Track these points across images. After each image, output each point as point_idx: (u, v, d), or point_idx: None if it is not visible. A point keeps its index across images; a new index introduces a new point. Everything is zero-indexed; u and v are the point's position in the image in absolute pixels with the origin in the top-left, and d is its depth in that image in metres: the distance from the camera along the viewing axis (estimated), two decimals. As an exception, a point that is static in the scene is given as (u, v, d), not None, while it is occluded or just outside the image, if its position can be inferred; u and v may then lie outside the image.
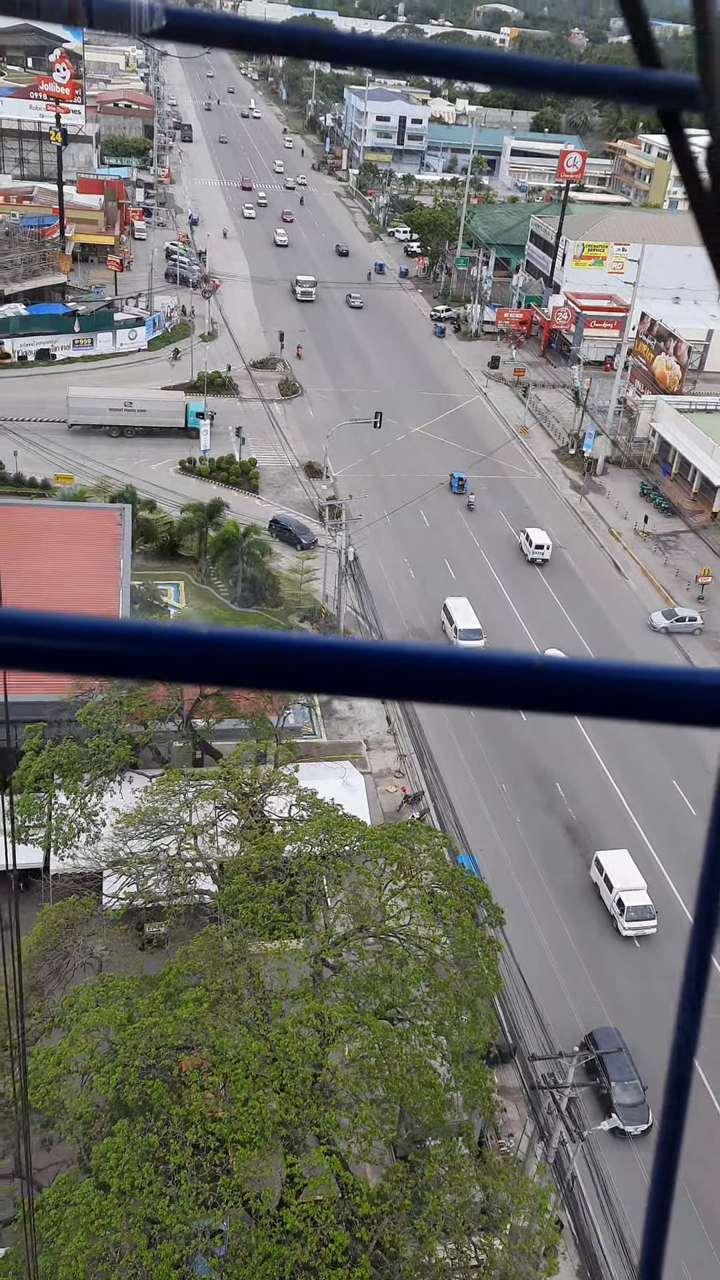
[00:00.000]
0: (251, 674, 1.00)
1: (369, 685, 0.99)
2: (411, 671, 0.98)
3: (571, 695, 0.98)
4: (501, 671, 0.98)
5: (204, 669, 0.99)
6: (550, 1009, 37.42)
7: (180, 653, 0.99)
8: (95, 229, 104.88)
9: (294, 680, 1.00)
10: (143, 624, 1.01)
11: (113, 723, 35.15)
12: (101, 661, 1.00)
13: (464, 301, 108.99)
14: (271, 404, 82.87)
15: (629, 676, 0.98)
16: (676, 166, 1.09)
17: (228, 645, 0.99)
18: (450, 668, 0.98)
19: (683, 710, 0.98)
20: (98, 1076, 24.12)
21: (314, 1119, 24.19)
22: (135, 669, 1.01)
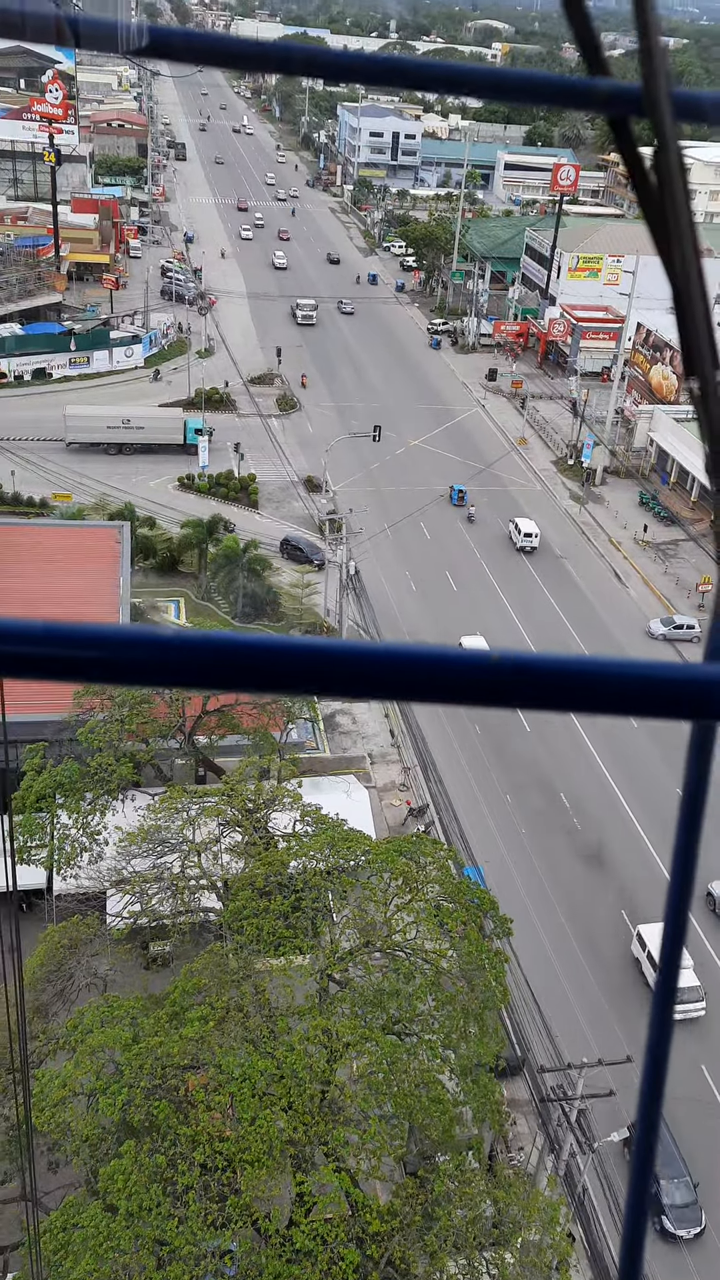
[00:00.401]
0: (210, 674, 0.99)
1: (331, 683, 0.99)
2: (371, 669, 0.98)
3: (529, 688, 0.98)
4: (460, 668, 0.98)
5: (173, 671, 1.00)
6: (558, 1020, 37.22)
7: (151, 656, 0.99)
8: (90, 248, 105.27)
9: (252, 680, 0.99)
10: (120, 628, 1.01)
11: (114, 741, 35.07)
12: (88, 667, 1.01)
13: (460, 315, 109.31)
14: (270, 419, 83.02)
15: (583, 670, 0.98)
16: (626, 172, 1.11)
17: (190, 647, 0.99)
18: (410, 665, 0.98)
19: (647, 703, 0.98)
20: (104, 1098, 23.98)
21: (322, 1136, 24.03)
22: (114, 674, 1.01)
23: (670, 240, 1.07)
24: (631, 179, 1.10)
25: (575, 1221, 30.80)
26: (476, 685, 0.98)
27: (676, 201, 1.05)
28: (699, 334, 1.08)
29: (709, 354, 1.09)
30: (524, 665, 0.98)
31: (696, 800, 1.09)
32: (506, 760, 49.84)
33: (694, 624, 60.69)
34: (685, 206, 1.08)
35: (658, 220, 1.08)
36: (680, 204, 1.07)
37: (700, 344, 1.08)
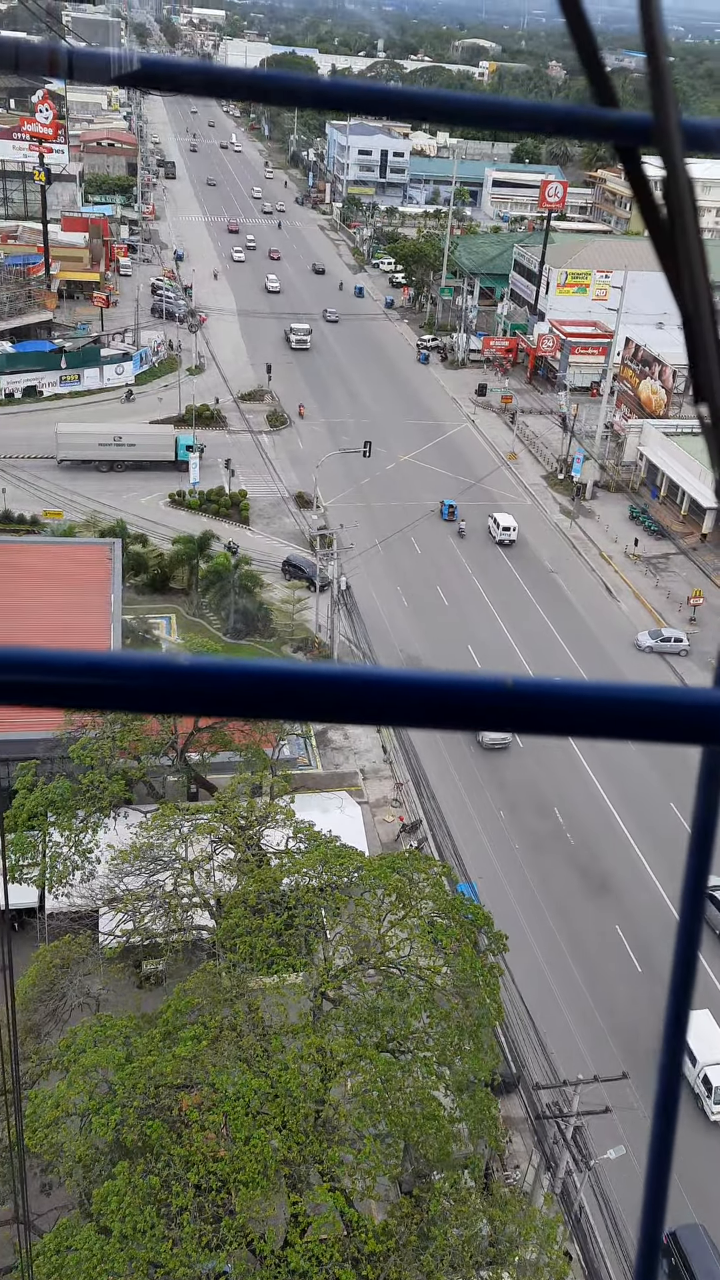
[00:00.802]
0: (221, 702, 0.99)
1: (343, 710, 0.99)
2: (384, 695, 0.98)
3: (543, 714, 0.98)
4: (475, 693, 0.98)
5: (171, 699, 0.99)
6: (553, 1036, 37.10)
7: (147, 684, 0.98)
8: (80, 266, 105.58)
9: (266, 707, 0.99)
10: (120, 655, 1.02)
11: (106, 758, 34.94)
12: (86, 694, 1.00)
13: (450, 331, 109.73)
14: (260, 435, 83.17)
15: (597, 695, 0.98)
16: (635, 199, 1.12)
17: (194, 675, 0.98)
18: (423, 691, 0.97)
19: (659, 728, 0.98)
20: (97, 1118, 23.80)
21: (317, 1156, 23.89)
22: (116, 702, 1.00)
23: (680, 268, 1.08)
24: (640, 207, 1.10)
25: (572, 1240, 30.65)
26: (492, 711, 0.98)
27: (686, 230, 1.06)
28: (709, 361, 1.08)
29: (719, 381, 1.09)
30: (538, 690, 0.98)
31: (707, 826, 1.09)
32: (500, 776, 49.80)
33: (682, 637, 60.82)
34: (695, 235, 1.08)
35: (667, 248, 1.08)
36: (690, 232, 1.07)
37: (711, 371, 1.08)
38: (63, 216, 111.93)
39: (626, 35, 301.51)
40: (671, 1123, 1.21)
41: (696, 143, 1.17)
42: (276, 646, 57.43)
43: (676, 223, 1.07)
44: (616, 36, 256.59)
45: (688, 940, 1.12)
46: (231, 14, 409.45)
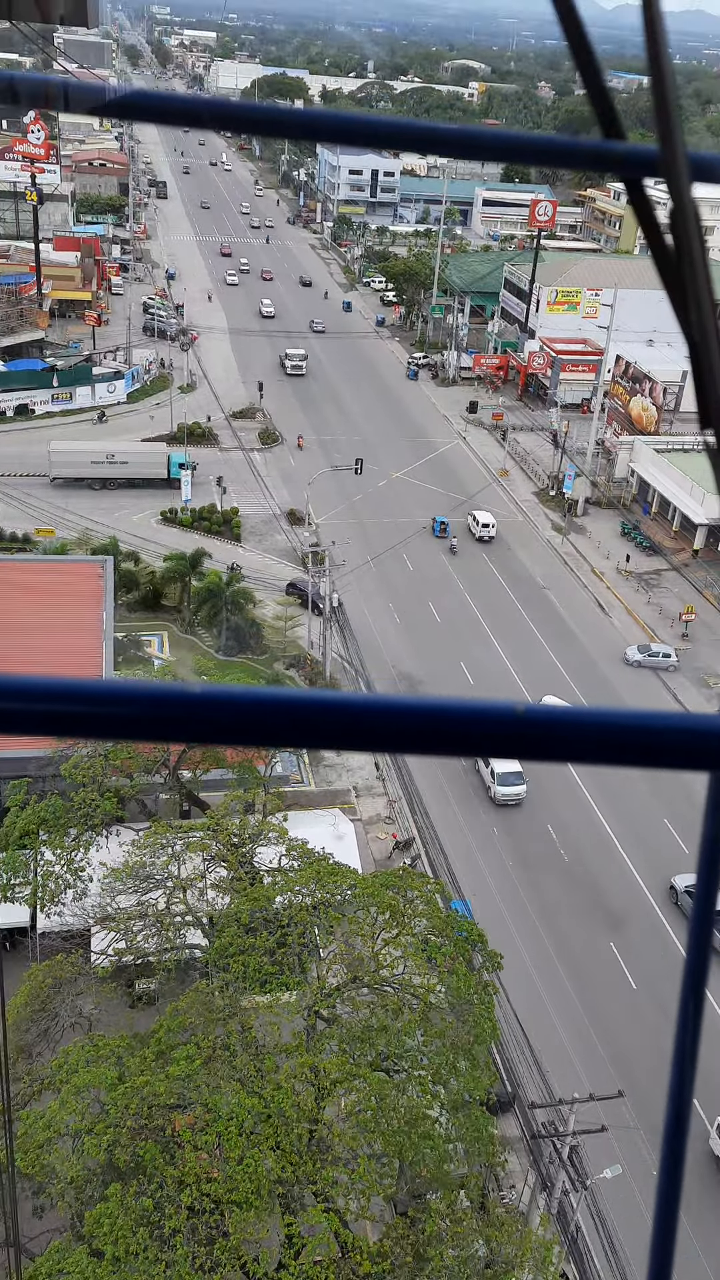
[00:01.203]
0: (230, 731, 0.99)
1: (351, 738, 0.99)
2: (394, 722, 0.98)
3: (556, 742, 0.99)
4: (485, 721, 0.98)
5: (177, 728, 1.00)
6: (548, 1055, 36.97)
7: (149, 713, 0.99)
8: (72, 285, 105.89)
9: (275, 735, 0.99)
10: (124, 684, 1.02)
11: (98, 776, 34.85)
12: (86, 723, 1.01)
13: (441, 348, 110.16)
14: (252, 453, 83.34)
15: (607, 722, 0.99)
16: (642, 231, 1.13)
17: (203, 703, 0.99)
18: (433, 718, 0.98)
19: (668, 755, 0.99)
20: (89, 1138, 23.64)
21: (311, 1176, 23.74)
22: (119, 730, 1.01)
23: (687, 299, 1.09)
24: (647, 237, 1.11)
25: (569, 1261, 30.46)
26: (502, 738, 0.99)
27: (694, 261, 1.07)
28: (716, 388, 1.10)
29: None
30: (548, 718, 0.99)
31: (715, 853, 1.09)
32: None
33: (670, 652, 60.95)
34: (701, 264, 1.09)
35: (673, 278, 1.09)
36: (697, 263, 1.09)
37: (717, 397, 1.10)
38: (54, 236, 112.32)
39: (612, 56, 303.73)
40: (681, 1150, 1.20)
41: (702, 174, 1.19)
42: (268, 664, 57.40)
43: (682, 253, 1.08)
44: (602, 57, 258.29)
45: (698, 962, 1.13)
46: (223, 36, 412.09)
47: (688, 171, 1.09)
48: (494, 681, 58.02)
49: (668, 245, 1.09)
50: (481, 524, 74.41)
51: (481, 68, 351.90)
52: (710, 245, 38.61)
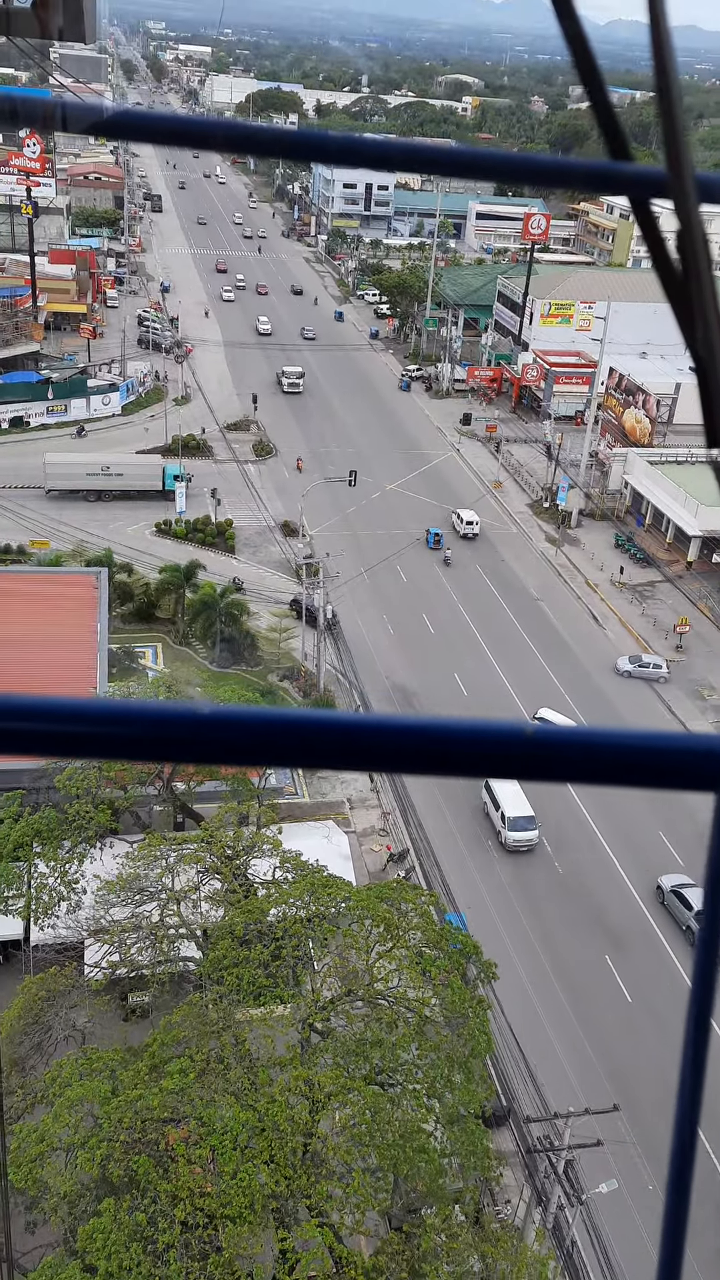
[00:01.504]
0: (237, 751, 0.99)
1: (362, 758, 1.00)
2: (403, 743, 0.98)
3: (563, 763, 0.99)
4: (493, 742, 0.99)
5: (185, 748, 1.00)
6: (543, 1068, 36.88)
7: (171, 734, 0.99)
8: (67, 298, 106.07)
9: (284, 756, 1.00)
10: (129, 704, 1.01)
11: (92, 788, 34.79)
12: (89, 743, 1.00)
13: (434, 361, 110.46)
14: (246, 465, 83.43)
15: (620, 743, 0.99)
16: (649, 253, 1.14)
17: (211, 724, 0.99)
18: (441, 739, 0.98)
19: (674, 776, 0.99)
20: (82, 1153, 23.53)
21: (305, 1190, 23.63)
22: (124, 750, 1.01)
23: (694, 317, 1.10)
24: (654, 258, 1.12)
25: (564, 1276, 30.32)
26: (510, 759, 0.99)
27: (701, 280, 1.08)
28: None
29: None
30: (557, 739, 0.99)
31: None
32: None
33: (661, 664, 61.05)
34: (709, 286, 1.10)
35: (680, 298, 1.10)
36: (705, 283, 1.10)
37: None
38: (50, 249, 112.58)
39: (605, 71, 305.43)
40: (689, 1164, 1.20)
41: (709, 195, 1.20)
42: (263, 676, 57.37)
43: (690, 274, 1.09)
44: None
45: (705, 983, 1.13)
46: (217, 51, 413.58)
47: (695, 193, 1.09)
48: (488, 694, 58.02)
49: (674, 265, 1.10)
50: (466, 521, 76.58)
51: (475, 82, 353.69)
52: (703, 259, 38.77)
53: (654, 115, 1.06)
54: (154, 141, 1.23)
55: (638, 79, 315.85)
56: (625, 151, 1.15)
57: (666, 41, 1.04)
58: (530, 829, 47.28)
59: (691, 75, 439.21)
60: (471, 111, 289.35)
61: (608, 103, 1.12)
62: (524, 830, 47.16)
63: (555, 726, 1.02)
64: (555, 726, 1.02)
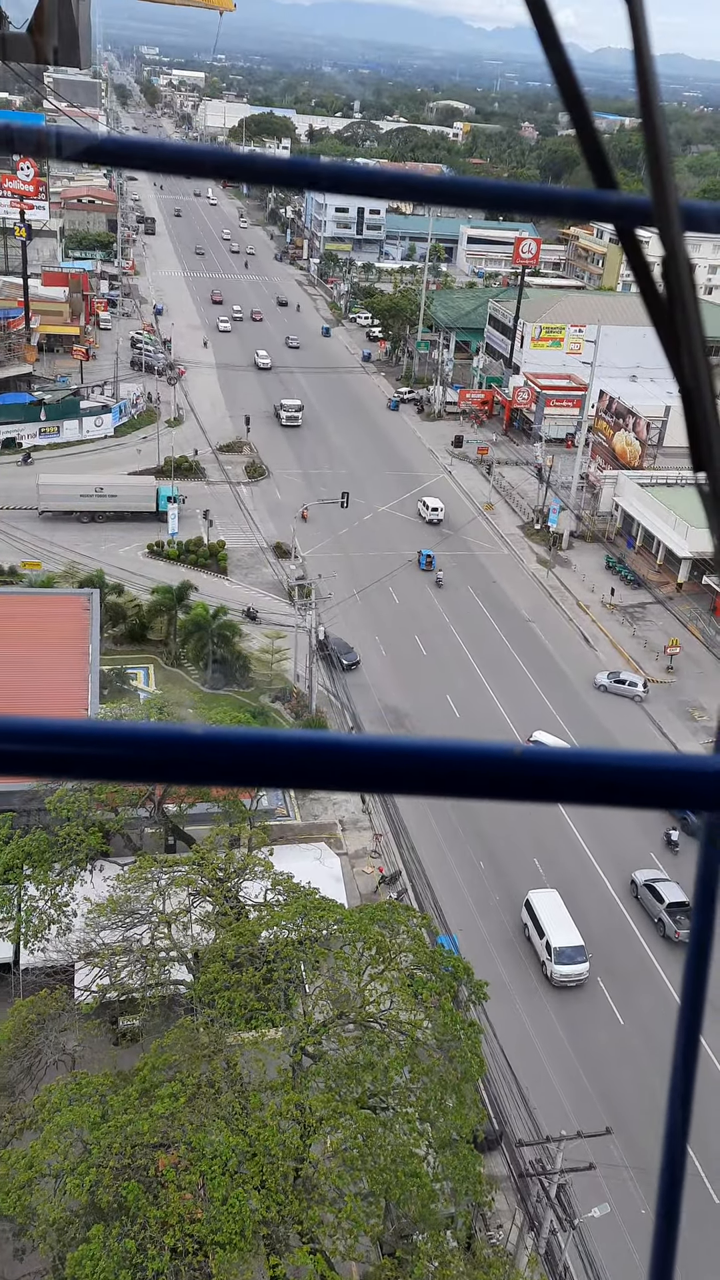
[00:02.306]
0: (230, 772, 1.00)
1: (352, 779, 1.00)
2: (391, 764, 0.99)
3: (553, 784, 0.99)
4: (482, 762, 0.99)
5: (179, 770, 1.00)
6: (535, 1090, 36.69)
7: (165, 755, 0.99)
8: (60, 320, 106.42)
9: (275, 776, 1.00)
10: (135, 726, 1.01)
11: (83, 810, 34.67)
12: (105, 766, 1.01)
13: (426, 383, 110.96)
14: (239, 486, 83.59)
15: (610, 764, 1.00)
16: (634, 280, 1.14)
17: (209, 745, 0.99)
18: (430, 759, 0.99)
19: (662, 796, 1.00)
20: (71, 1179, 23.32)
21: (296, 1216, 23.44)
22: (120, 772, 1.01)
23: (679, 345, 1.11)
24: (639, 285, 1.13)
25: (556, 1300, 30.07)
26: (500, 780, 0.99)
27: (687, 308, 1.09)
28: (709, 433, 1.12)
29: (718, 452, 1.12)
30: (544, 760, 0.99)
31: (710, 891, 1.10)
32: (478, 825, 49.62)
33: (638, 681, 61.41)
34: (694, 312, 1.11)
35: (666, 326, 1.11)
36: (690, 311, 1.11)
37: (711, 442, 1.11)
38: (43, 271, 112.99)
39: (594, 98, 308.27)
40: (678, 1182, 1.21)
41: (694, 224, 1.22)
42: (255, 697, 57.30)
43: (675, 301, 1.10)
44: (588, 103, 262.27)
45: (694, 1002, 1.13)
46: (211, 76, 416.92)
47: (680, 221, 1.10)
48: (480, 715, 58.03)
49: (660, 293, 1.11)
50: (431, 507, 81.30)
51: (466, 108, 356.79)
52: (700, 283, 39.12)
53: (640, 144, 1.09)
54: (147, 169, 1.24)
55: (626, 105, 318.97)
56: (610, 180, 1.17)
57: (650, 72, 1.05)
58: (580, 960, 41.85)
59: (679, 103, 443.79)
60: (463, 137, 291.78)
61: (594, 132, 1.12)
62: (572, 963, 41.71)
63: (544, 747, 1.02)
64: (544, 747, 1.02)
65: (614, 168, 1.19)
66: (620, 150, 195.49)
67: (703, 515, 1.15)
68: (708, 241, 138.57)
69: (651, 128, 1.07)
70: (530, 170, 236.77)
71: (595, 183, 1.18)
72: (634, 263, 1.17)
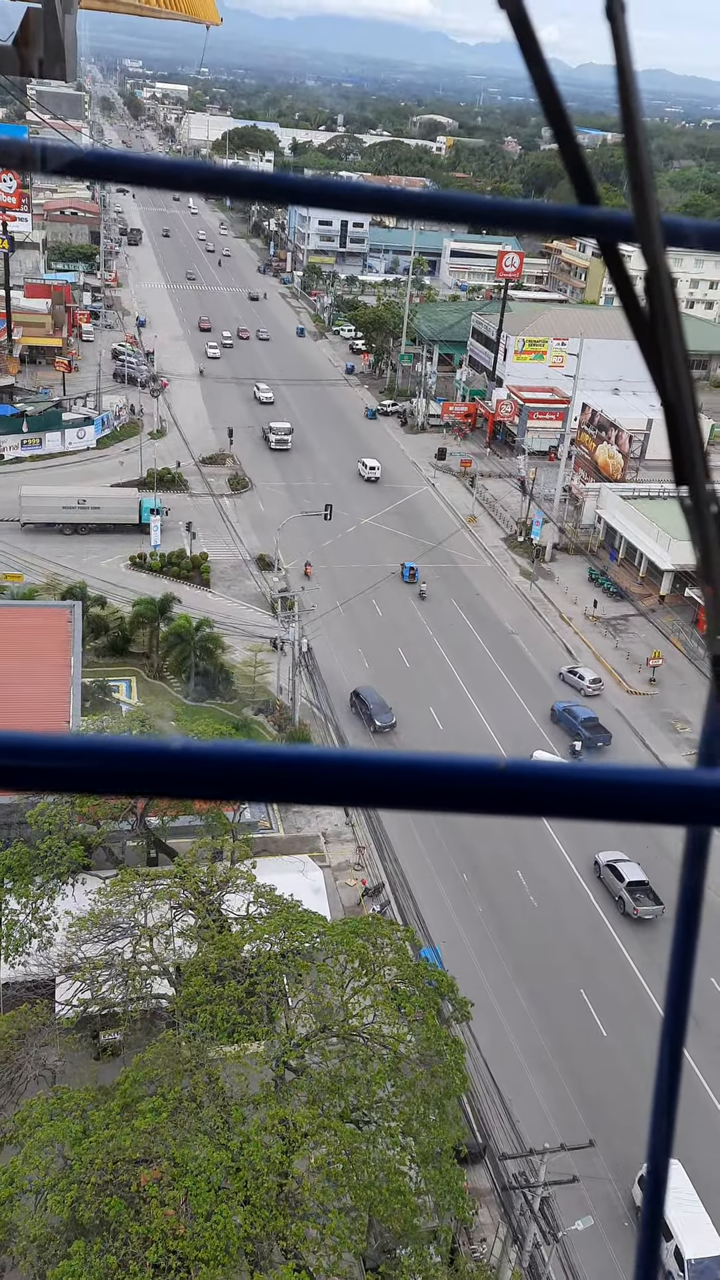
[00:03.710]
0: (218, 786, 1.00)
1: (337, 793, 1.00)
2: (376, 778, 0.99)
3: (538, 798, 1.00)
4: (467, 777, 0.99)
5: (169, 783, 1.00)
6: (518, 1103, 36.62)
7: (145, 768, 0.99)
8: (43, 332, 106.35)
9: (260, 791, 1.00)
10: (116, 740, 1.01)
11: (65, 823, 34.50)
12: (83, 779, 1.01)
13: (409, 396, 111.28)
14: (222, 499, 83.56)
15: (595, 778, 1.00)
16: (617, 295, 1.15)
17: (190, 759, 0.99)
18: (415, 774, 0.99)
19: (648, 810, 1.00)
20: (52, 1195, 23.13)
21: (280, 1231, 23.30)
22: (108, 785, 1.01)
23: (661, 360, 1.11)
24: (622, 300, 1.14)
25: (540, 1314, 29.98)
26: (484, 794, 0.99)
27: (668, 323, 1.10)
28: (691, 447, 1.13)
29: (701, 466, 1.13)
30: (530, 773, 0.99)
31: (693, 904, 1.11)
32: (462, 838, 49.61)
33: (586, 676, 63.26)
34: (677, 327, 1.12)
35: (649, 341, 1.12)
36: (672, 326, 1.11)
37: (692, 457, 1.13)
38: (25, 283, 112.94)
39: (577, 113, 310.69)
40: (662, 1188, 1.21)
41: (676, 240, 1.23)
42: (238, 709, 57.19)
43: (657, 316, 1.11)
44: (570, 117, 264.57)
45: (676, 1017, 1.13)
46: (194, 89, 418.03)
47: (662, 236, 1.11)
48: (463, 727, 58.06)
49: (642, 307, 1.11)
50: (369, 467, 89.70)
51: (449, 123, 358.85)
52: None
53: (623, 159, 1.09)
54: (131, 183, 1.24)
55: (609, 121, 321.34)
56: (593, 196, 1.18)
57: (633, 88, 1.06)
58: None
59: (661, 118, 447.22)
60: (446, 151, 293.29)
61: (577, 149, 1.13)
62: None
63: (528, 761, 1.02)
64: (528, 761, 1.02)
65: (596, 183, 1.20)
66: (602, 165, 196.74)
67: (684, 528, 1.15)
68: (689, 256, 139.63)
69: (634, 144, 1.08)
70: (513, 184, 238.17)
71: (578, 198, 1.19)
72: (616, 278, 1.17)
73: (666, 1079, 1.17)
